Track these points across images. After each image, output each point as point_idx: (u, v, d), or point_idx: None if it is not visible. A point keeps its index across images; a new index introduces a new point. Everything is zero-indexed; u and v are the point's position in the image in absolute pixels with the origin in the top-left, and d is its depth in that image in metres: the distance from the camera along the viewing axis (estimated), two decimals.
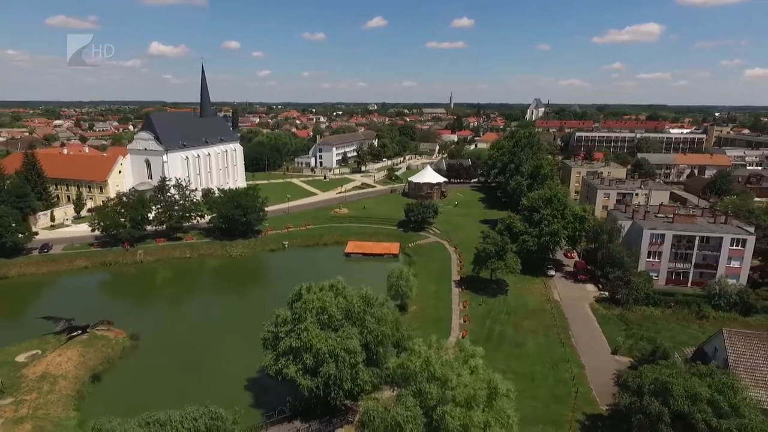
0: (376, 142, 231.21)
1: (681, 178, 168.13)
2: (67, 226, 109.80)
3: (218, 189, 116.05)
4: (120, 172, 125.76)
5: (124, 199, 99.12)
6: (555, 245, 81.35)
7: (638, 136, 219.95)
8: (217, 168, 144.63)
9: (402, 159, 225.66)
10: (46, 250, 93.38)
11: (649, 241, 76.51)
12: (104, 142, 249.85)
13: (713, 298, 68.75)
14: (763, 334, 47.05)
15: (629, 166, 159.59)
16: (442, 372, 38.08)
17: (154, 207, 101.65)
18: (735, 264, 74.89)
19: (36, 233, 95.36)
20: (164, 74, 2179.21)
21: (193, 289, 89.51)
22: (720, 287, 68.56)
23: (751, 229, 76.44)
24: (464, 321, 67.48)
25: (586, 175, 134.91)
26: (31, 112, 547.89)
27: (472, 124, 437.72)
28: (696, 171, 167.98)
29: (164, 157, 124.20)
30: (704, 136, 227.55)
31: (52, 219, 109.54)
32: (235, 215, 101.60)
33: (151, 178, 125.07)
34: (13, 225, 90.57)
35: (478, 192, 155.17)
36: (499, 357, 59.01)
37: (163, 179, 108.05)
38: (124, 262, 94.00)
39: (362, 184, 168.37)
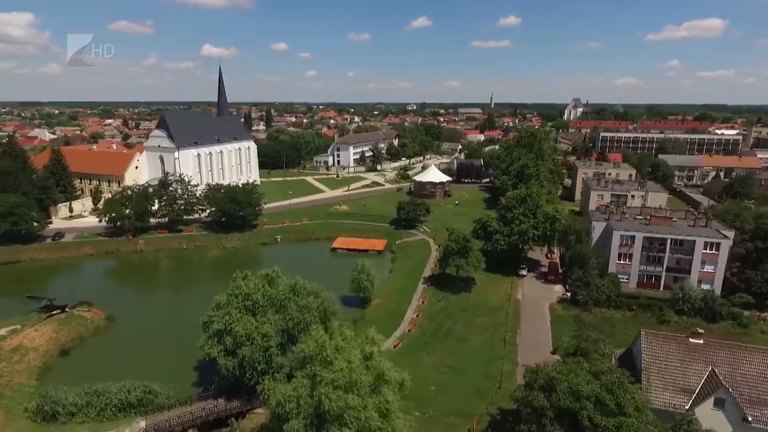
0: (395, 142, 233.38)
1: (705, 181, 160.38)
2: (84, 217, 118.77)
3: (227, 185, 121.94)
4: (136, 167, 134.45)
5: (129, 192, 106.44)
6: (524, 244, 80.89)
7: (667, 137, 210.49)
8: (229, 165, 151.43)
9: (421, 158, 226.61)
10: (58, 238, 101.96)
11: (619, 243, 74.94)
12: (143, 140, 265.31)
13: (677, 302, 66.76)
14: (681, 337, 46.05)
15: (647, 168, 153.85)
16: (333, 357, 40.27)
17: (157, 200, 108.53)
18: (709, 268, 72.13)
19: (50, 222, 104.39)
20: (215, 75, 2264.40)
21: (180, 277, 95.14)
22: (684, 291, 66.48)
23: (730, 233, 73.31)
24: (417, 316, 68.90)
25: (591, 175, 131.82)
26: (89, 111, 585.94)
27: (506, 124, 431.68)
28: (722, 174, 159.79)
29: (176, 153, 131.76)
30: (741, 137, 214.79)
31: (71, 210, 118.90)
32: (230, 210, 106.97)
33: (165, 173, 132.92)
34: (33, 214, 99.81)
35: (485, 192, 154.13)
36: (439, 351, 60.38)
37: (166, 174, 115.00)
38: (126, 250, 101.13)
39: (372, 182, 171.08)
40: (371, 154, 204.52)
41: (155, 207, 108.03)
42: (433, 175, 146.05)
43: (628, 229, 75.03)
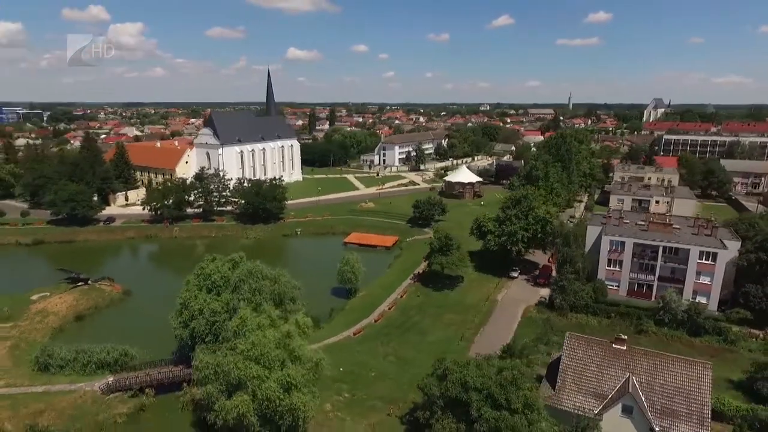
0: (444, 142, 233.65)
1: None
2: (137, 205, 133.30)
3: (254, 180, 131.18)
4: (186, 162, 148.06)
5: (169, 184, 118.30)
6: (513, 246, 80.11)
7: (738, 140, 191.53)
8: (271, 161, 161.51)
9: (470, 159, 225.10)
10: (108, 222, 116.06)
11: (608, 248, 72.22)
12: None
13: (657, 312, 63.56)
14: (605, 341, 45.03)
15: (700, 173, 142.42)
16: (251, 332, 44.71)
17: (193, 192, 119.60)
18: (705, 280, 67.49)
19: (103, 208, 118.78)
20: (298, 77, 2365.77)
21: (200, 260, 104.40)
22: (665, 302, 63.15)
23: (733, 244, 67.99)
24: (389, 308, 71.44)
25: (627, 179, 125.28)
26: (180, 111, 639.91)
27: (577, 125, 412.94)
28: None
29: (219, 150, 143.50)
30: None
31: (126, 199, 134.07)
32: (255, 202, 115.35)
33: (211, 168, 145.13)
34: (94, 200, 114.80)
35: None
36: (395, 342, 62.72)
37: (202, 169, 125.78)
38: (162, 236, 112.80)
39: (409, 182, 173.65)
40: (414, 153, 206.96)
41: (192, 198, 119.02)
42: (463, 175, 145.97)
43: (618, 234, 72.08)
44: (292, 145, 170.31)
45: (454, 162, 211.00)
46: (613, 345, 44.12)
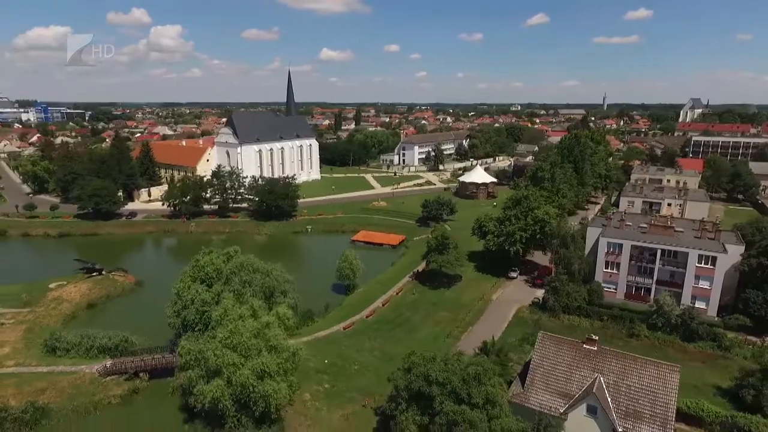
0: (465, 142, 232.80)
1: None
2: (159, 201, 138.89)
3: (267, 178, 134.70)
4: (207, 160, 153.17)
5: (187, 181, 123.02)
6: (511, 246, 79.92)
7: None
8: (290, 160, 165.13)
9: (492, 160, 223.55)
10: (130, 217, 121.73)
11: (605, 250, 71.33)
12: None
13: (651, 316, 62.53)
14: (576, 342, 44.99)
15: (725, 177, 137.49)
16: (232, 322, 46.92)
17: (210, 189, 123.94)
18: (704, 284, 65.91)
19: (126, 203, 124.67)
20: (331, 77, 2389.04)
21: None
22: (658, 305, 62.07)
23: (736, 248, 66.05)
24: (383, 305, 72.73)
25: (647, 181, 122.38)
26: (213, 111, 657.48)
27: (609, 126, 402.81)
28: None
29: (238, 149, 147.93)
30: None
31: (149, 195, 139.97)
32: (268, 200, 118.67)
33: (229, 166, 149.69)
34: (119, 195, 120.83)
35: None
36: (383, 337, 64.04)
37: (218, 167, 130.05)
38: (179, 231, 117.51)
39: (426, 181, 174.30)
40: (433, 154, 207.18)
41: (208, 195, 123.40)
42: (477, 175, 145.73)
43: (616, 236, 71.10)
44: (310, 145, 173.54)
45: (474, 162, 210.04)
46: (584, 345, 44.12)
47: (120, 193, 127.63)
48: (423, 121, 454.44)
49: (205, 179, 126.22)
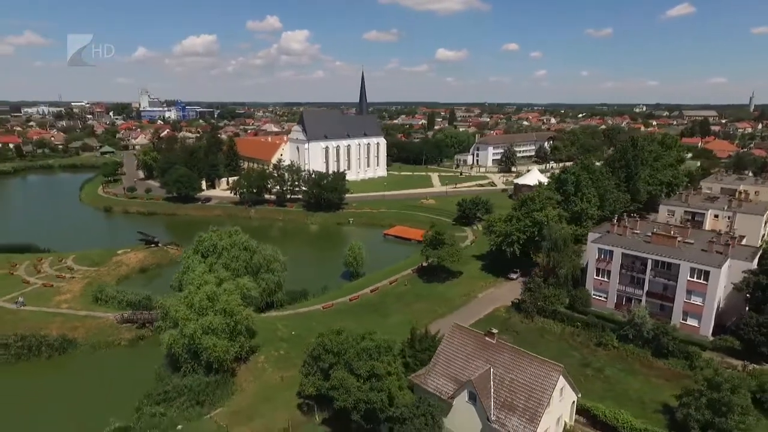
0: (547, 144, 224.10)
1: None
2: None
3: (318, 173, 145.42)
4: (281, 155, 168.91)
5: (252, 173, 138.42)
6: (508, 247, 79.53)
7: None
8: (356, 157, 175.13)
9: (574, 163, 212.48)
10: (205, 202, 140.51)
11: (596, 257, 68.62)
12: None
13: (623, 327, 59.75)
14: (479, 334, 46.47)
15: None
16: (195, 285, 56.16)
17: (270, 180, 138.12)
18: (696, 300, 60.79)
19: (203, 190, 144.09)
20: (446, 77, 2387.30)
21: (261, 239, 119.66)
22: (630, 316, 59.10)
23: (740, 264, 59.82)
24: (371, 291, 77.81)
25: (718, 192, 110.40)
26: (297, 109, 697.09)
27: (742, 130, 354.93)
28: None
29: (306, 145, 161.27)
30: None
31: (228, 184, 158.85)
32: (317, 193, 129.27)
33: (299, 161, 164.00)
34: (200, 183, 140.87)
35: None
36: (354, 319, 69.02)
37: (279, 161, 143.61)
38: (240, 216, 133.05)
39: (489, 182, 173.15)
40: (504, 154, 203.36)
41: (269, 185, 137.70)
42: (531, 178, 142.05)
43: (607, 242, 68.05)
44: (378, 143, 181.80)
45: (551, 165, 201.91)
46: (486, 338, 45.69)
47: (203, 181, 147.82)
48: (525, 122, 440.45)
49: (267, 171, 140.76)
